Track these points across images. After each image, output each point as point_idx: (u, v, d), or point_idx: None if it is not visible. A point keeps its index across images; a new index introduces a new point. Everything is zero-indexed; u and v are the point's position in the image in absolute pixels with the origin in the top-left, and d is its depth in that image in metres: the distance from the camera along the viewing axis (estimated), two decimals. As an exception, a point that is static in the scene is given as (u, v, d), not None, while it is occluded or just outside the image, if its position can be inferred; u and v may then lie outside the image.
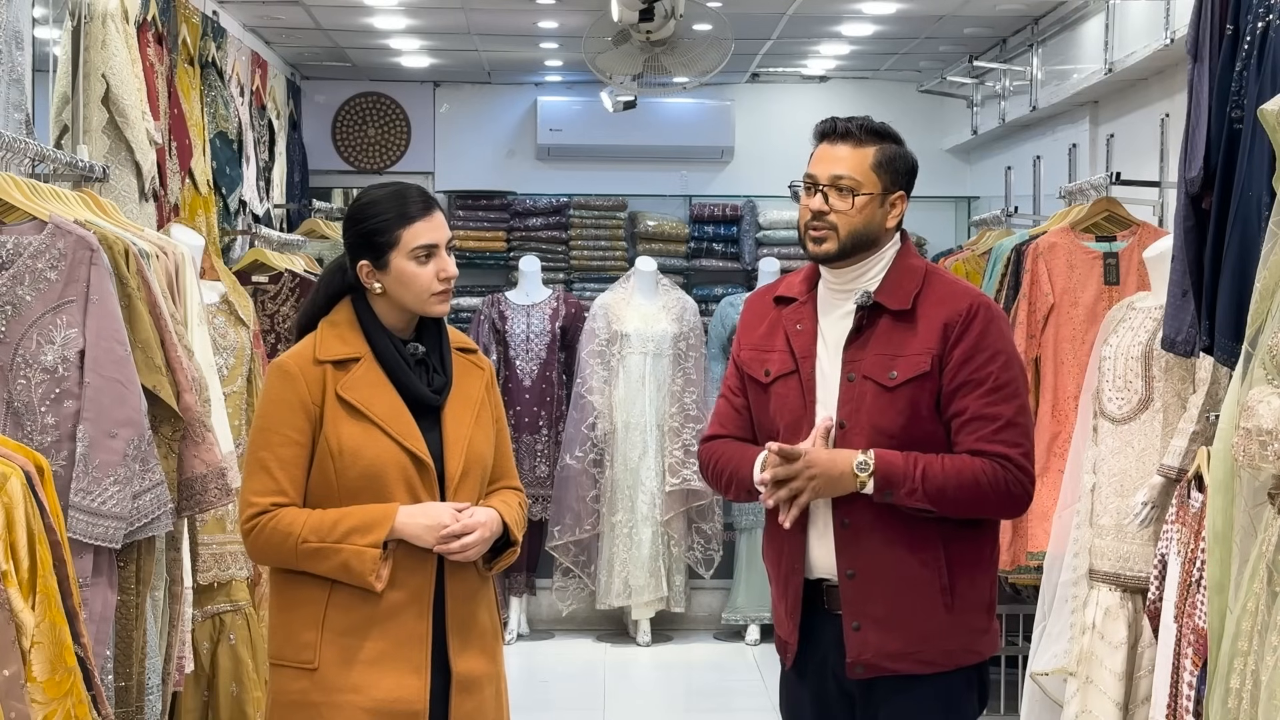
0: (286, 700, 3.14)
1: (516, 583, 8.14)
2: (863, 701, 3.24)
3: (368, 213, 3.21)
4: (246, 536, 3.15)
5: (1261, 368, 2.72)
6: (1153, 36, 5.85)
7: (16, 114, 4.30)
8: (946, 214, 9.60)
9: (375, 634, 3.10)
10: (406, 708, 3.10)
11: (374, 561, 3.06)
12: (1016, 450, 3.16)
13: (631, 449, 7.82)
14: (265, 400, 3.21)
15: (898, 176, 3.26)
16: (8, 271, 3.56)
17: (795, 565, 3.26)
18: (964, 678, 3.24)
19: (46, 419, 3.55)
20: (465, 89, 9.81)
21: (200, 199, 6.02)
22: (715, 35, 7.18)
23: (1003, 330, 3.24)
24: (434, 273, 3.20)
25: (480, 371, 3.35)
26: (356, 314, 3.23)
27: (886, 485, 3.12)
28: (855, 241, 3.23)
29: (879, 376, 3.18)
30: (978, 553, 3.25)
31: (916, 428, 3.17)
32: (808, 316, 3.30)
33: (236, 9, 7.46)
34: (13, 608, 2.84)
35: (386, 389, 3.18)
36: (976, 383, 3.16)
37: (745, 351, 3.38)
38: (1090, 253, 5.31)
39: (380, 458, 3.13)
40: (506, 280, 9.05)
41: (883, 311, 3.23)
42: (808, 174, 3.28)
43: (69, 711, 2.94)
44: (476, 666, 3.20)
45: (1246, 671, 2.69)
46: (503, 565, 3.28)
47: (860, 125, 3.25)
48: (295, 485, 3.14)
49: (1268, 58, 3.22)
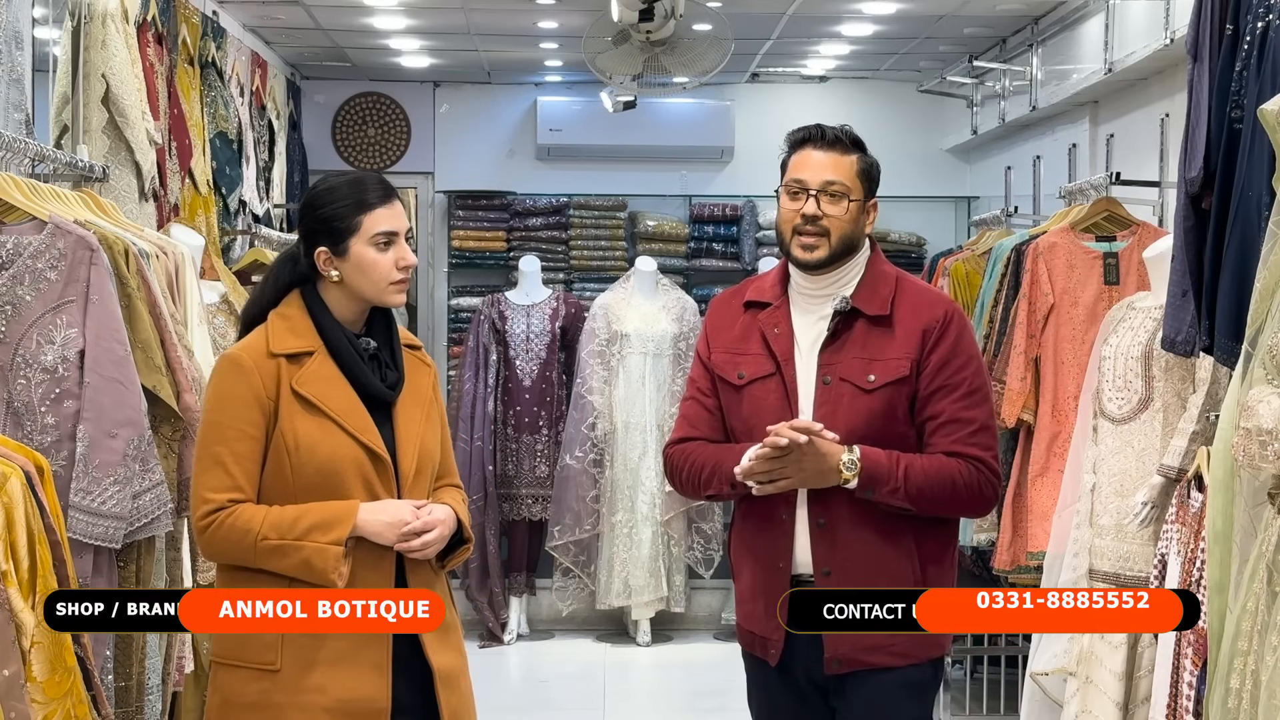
0: (243, 702, 3.07)
1: (516, 583, 8.14)
2: (836, 692, 3.31)
3: (327, 199, 3.16)
4: (202, 534, 3.08)
5: (1261, 368, 2.72)
6: (1153, 36, 5.85)
7: (16, 114, 4.31)
8: (946, 214, 9.59)
9: (337, 633, 3.04)
10: (370, 705, 3.06)
11: (336, 559, 3.02)
12: (989, 453, 3.28)
13: (631, 449, 7.83)
14: (216, 394, 3.12)
15: (873, 185, 3.38)
16: (8, 271, 3.56)
17: (779, 563, 3.30)
18: (932, 667, 3.35)
19: (46, 419, 3.55)
20: (465, 89, 9.81)
21: (200, 199, 6.02)
22: (715, 35, 7.18)
23: (972, 337, 3.37)
24: (393, 260, 3.15)
25: (428, 369, 3.32)
26: (308, 306, 3.17)
27: (870, 483, 3.20)
28: (845, 247, 3.32)
29: (857, 379, 3.26)
30: (945, 547, 3.35)
31: (890, 430, 3.25)
32: (784, 319, 3.36)
33: (236, 9, 7.46)
34: (13, 608, 2.84)
35: (341, 384, 3.13)
36: (952, 387, 3.26)
37: (717, 354, 3.42)
38: (1090, 253, 5.31)
39: (337, 453, 3.09)
40: (506, 280, 9.04)
41: (858, 316, 3.30)
42: (795, 179, 3.34)
43: (69, 711, 2.94)
44: (451, 660, 3.19)
45: (1246, 671, 2.70)
46: (456, 562, 3.25)
47: (846, 134, 3.36)
48: (251, 481, 3.08)
49: (1268, 58, 3.22)
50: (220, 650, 3.15)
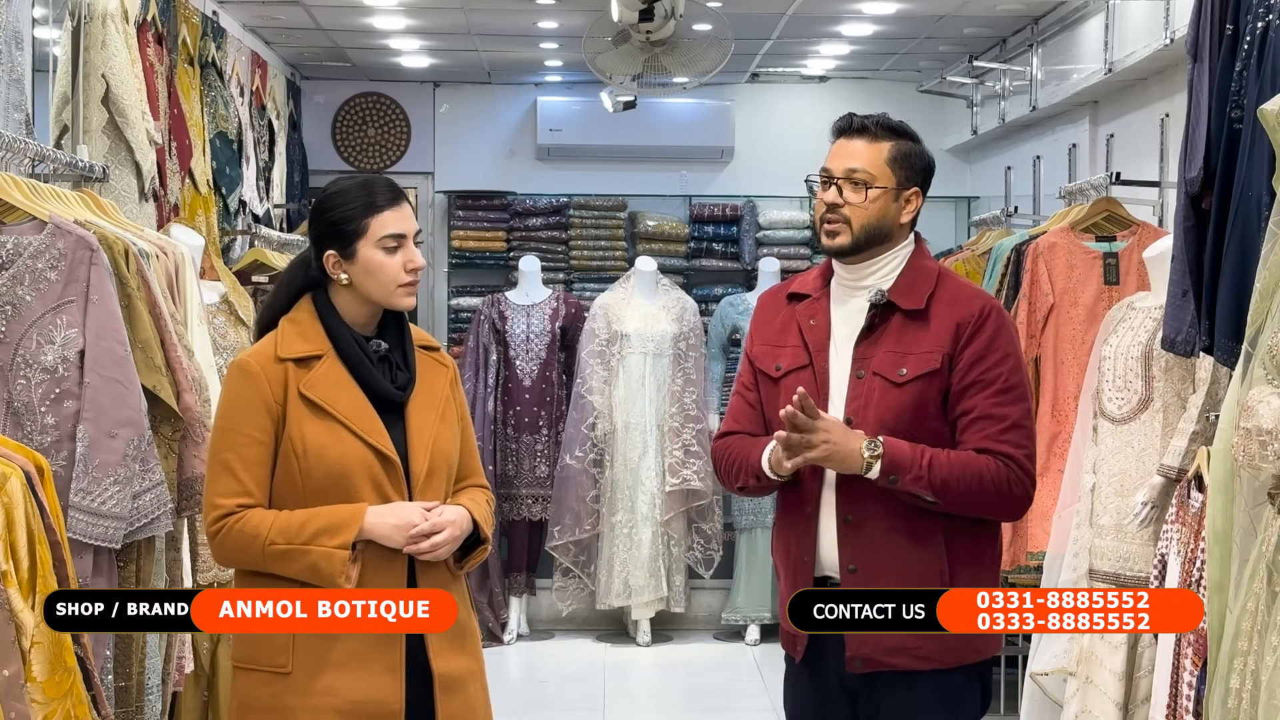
0: (259, 705, 3.08)
1: (516, 583, 8.14)
2: (865, 697, 3.26)
3: (335, 202, 3.16)
4: (213, 539, 3.09)
5: (1261, 368, 2.72)
6: (1153, 36, 5.85)
7: (16, 114, 4.30)
8: (946, 214, 9.60)
9: (348, 635, 3.03)
10: (383, 708, 3.06)
11: (343, 563, 3.01)
12: (1021, 451, 3.19)
13: (631, 449, 7.82)
14: (226, 400, 3.14)
15: (913, 173, 3.30)
16: (8, 271, 3.56)
17: (804, 559, 3.27)
18: (964, 675, 3.25)
19: (46, 419, 3.55)
20: (465, 89, 9.81)
21: (200, 199, 6.02)
22: (715, 35, 7.18)
23: (1012, 335, 3.29)
24: (401, 263, 3.15)
25: (444, 369, 3.30)
26: (318, 310, 3.17)
27: (893, 469, 3.13)
28: (869, 235, 3.27)
29: (888, 373, 3.21)
30: (979, 550, 3.27)
31: (922, 425, 3.19)
32: (821, 311, 3.33)
33: (236, 9, 7.46)
34: (13, 608, 2.84)
35: (350, 386, 3.13)
36: (986, 383, 3.20)
37: (759, 347, 3.40)
38: (1090, 253, 5.31)
39: (346, 456, 3.08)
40: (506, 280, 9.04)
41: (895, 310, 3.26)
42: (823, 168, 3.32)
43: (69, 711, 2.94)
44: (458, 664, 3.17)
45: (1246, 671, 2.69)
46: (473, 564, 3.24)
47: (876, 121, 3.30)
48: (260, 486, 3.08)
49: (1268, 58, 3.22)
50: (237, 653, 3.16)
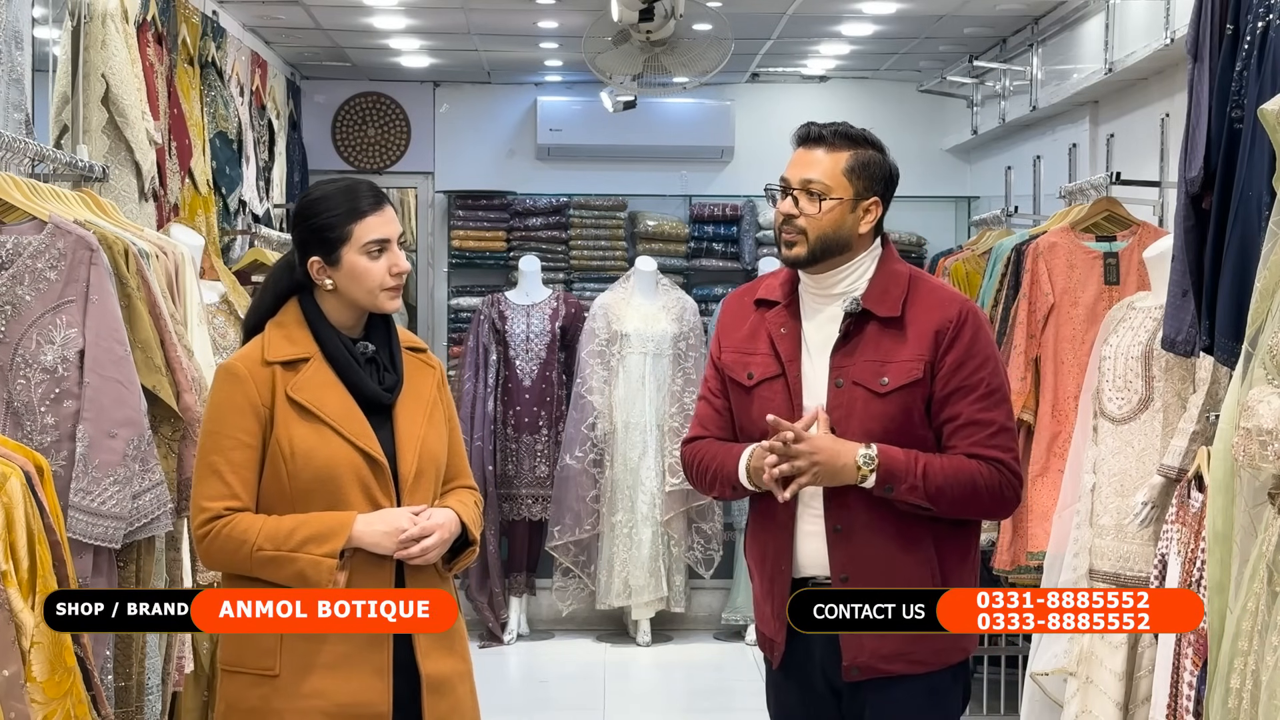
0: (245, 707, 3.07)
1: (516, 583, 8.14)
2: (850, 699, 3.26)
3: (318, 208, 3.15)
4: (200, 542, 3.08)
5: (1261, 368, 2.72)
6: (1153, 36, 5.85)
7: (16, 114, 4.31)
8: (946, 214, 9.59)
9: (335, 638, 3.03)
10: (370, 710, 3.05)
11: (330, 571, 3.00)
12: (1009, 455, 3.22)
13: (631, 449, 7.83)
14: (213, 404, 3.13)
15: (872, 183, 3.28)
16: (7, 271, 3.56)
17: (782, 565, 3.27)
18: (950, 674, 3.27)
19: (46, 419, 3.55)
20: (465, 89, 9.81)
21: (200, 199, 6.02)
22: (715, 35, 7.18)
23: (989, 336, 3.29)
24: (386, 268, 3.14)
25: (431, 370, 3.30)
26: (304, 313, 3.17)
27: (888, 480, 3.13)
28: (825, 246, 3.26)
29: (869, 383, 3.20)
30: (965, 551, 3.29)
31: (907, 433, 3.20)
32: (790, 320, 3.32)
33: (236, 9, 7.46)
34: (12, 608, 2.84)
35: (337, 388, 3.12)
36: (969, 389, 3.20)
37: (727, 354, 3.39)
38: (1090, 253, 5.31)
39: (334, 458, 3.07)
40: (506, 280, 9.04)
41: (870, 318, 3.25)
42: (781, 178, 3.32)
43: (69, 711, 2.94)
44: (446, 666, 3.16)
45: (1246, 671, 2.69)
46: (462, 565, 3.24)
47: (835, 130, 3.28)
48: (248, 489, 3.08)
49: (1268, 58, 3.22)
50: (224, 656, 3.14)
